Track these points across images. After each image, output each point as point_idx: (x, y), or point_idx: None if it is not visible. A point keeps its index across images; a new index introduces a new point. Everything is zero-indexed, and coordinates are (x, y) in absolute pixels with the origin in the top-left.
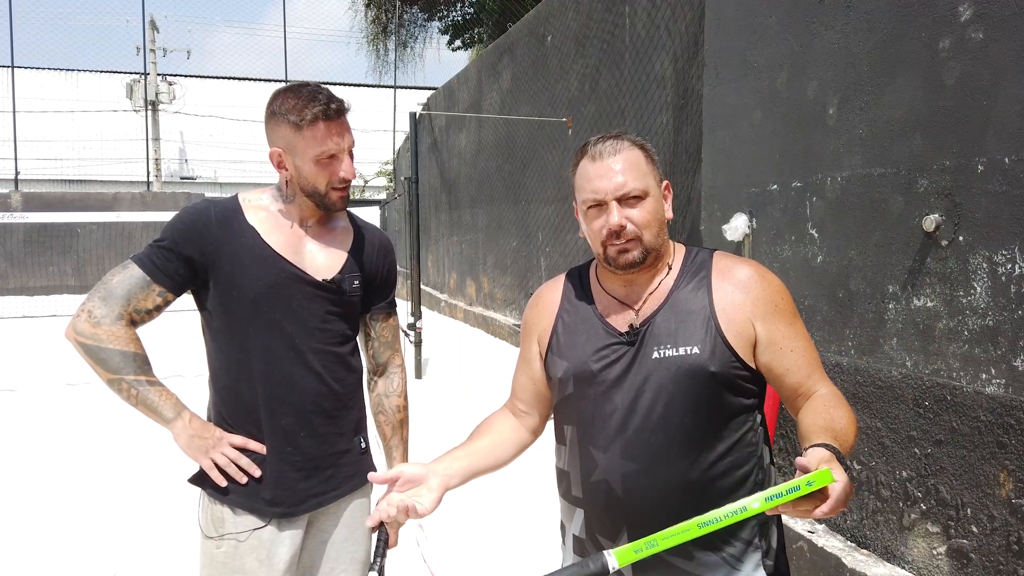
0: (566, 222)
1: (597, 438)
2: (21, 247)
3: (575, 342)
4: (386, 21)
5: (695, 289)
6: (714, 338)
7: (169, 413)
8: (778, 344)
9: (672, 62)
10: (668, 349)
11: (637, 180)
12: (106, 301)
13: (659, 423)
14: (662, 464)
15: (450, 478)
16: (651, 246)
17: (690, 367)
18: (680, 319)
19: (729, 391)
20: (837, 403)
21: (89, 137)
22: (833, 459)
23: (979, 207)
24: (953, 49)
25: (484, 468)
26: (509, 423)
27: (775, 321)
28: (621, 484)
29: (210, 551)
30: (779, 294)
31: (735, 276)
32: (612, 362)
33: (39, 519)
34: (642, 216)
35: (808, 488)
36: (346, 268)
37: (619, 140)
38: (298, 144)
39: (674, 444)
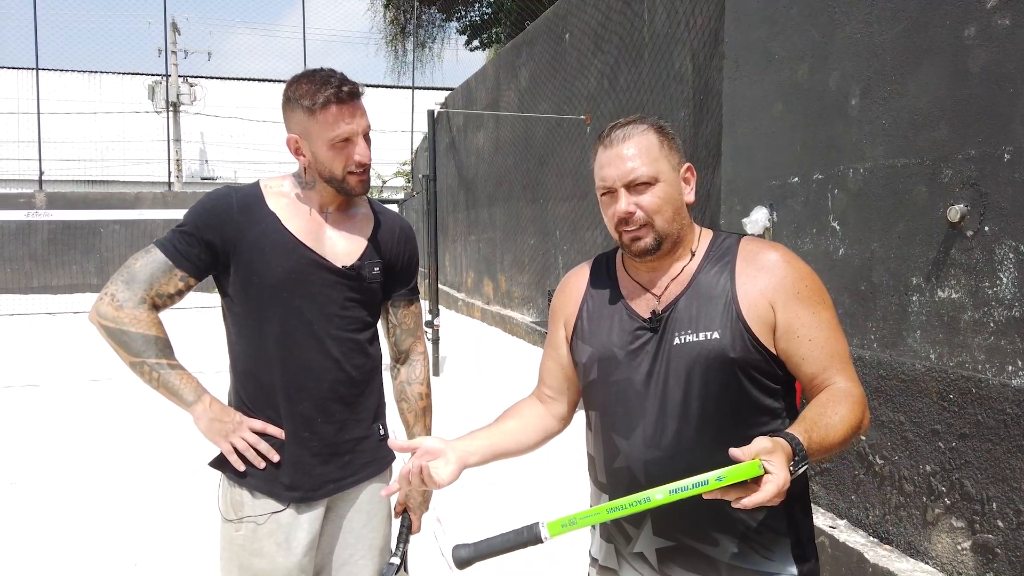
0: (584, 219)
1: (619, 424)
2: (45, 246)
3: (599, 327)
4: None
5: (718, 274)
6: (734, 323)
7: (190, 396)
8: (795, 331)
9: (691, 57)
10: (689, 335)
11: (646, 165)
12: (129, 285)
13: (680, 410)
14: (684, 451)
15: (469, 455)
16: (664, 232)
17: (710, 352)
18: (702, 304)
19: (751, 378)
20: (843, 399)
21: (111, 138)
22: (776, 451)
23: (1005, 196)
24: (978, 36)
25: (505, 451)
26: (535, 409)
27: (795, 307)
28: (643, 471)
29: (229, 534)
30: (803, 280)
31: (759, 260)
32: (635, 348)
33: (63, 509)
34: (652, 202)
35: (718, 483)
36: (366, 255)
37: (633, 125)
38: (312, 129)
39: (696, 431)
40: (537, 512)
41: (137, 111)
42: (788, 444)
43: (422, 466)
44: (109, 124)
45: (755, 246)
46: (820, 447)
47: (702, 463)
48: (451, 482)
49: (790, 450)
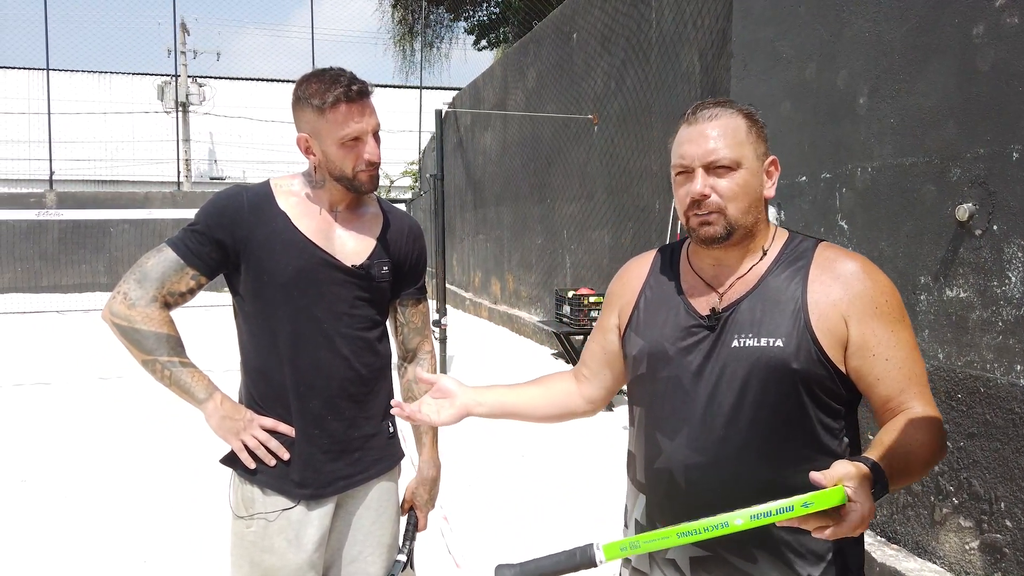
0: (591, 219)
1: (664, 423)
2: (55, 245)
3: (654, 320)
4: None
5: (789, 278)
6: (801, 332)
7: (201, 394)
8: (871, 349)
9: (699, 57)
10: (749, 338)
11: (729, 148)
12: (141, 283)
13: (730, 416)
14: (730, 460)
15: (476, 405)
16: (736, 222)
17: (770, 360)
18: (767, 308)
19: (812, 394)
20: (922, 426)
21: (121, 138)
22: (859, 477)
23: (1014, 195)
24: (987, 35)
25: (517, 412)
26: (565, 385)
27: (872, 323)
28: (684, 475)
29: (240, 530)
30: (883, 294)
31: (836, 269)
32: (689, 346)
33: (73, 507)
34: (729, 187)
35: (804, 510)
36: (375, 254)
37: (722, 106)
38: (322, 128)
39: (744, 441)
40: (541, 512)
41: (147, 111)
42: (869, 470)
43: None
44: (119, 124)
45: (833, 253)
46: (900, 476)
47: (746, 475)
48: (448, 423)
49: (871, 477)
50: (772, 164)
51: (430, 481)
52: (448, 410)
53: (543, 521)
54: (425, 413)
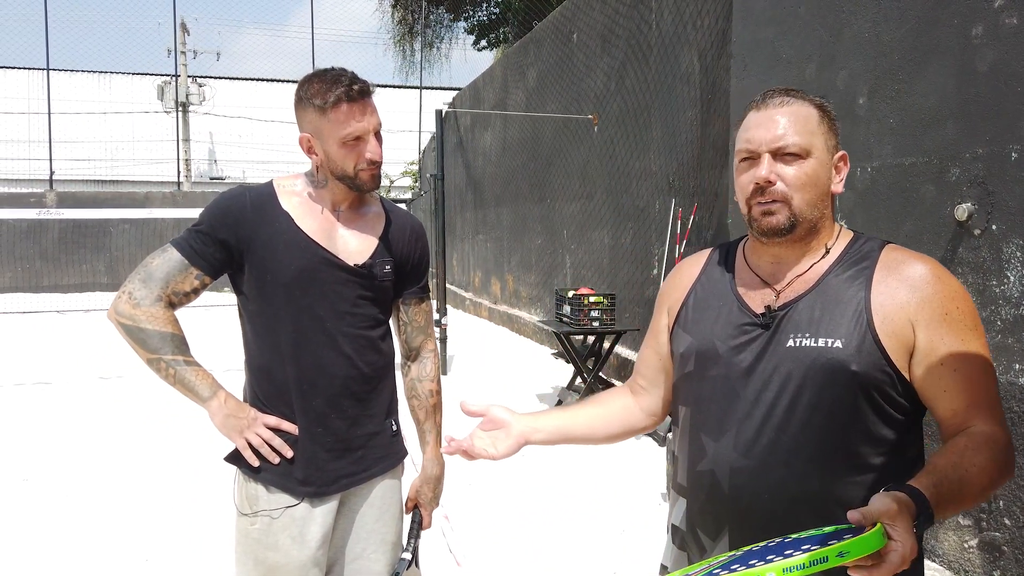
0: (591, 219)
1: (710, 424)
2: (55, 245)
3: (704, 317)
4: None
5: (852, 279)
6: (863, 334)
7: (205, 392)
8: (938, 358)
9: (699, 57)
10: (806, 338)
11: (800, 135)
12: (146, 283)
13: (783, 419)
14: (779, 465)
15: (534, 432)
16: (801, 214)
17: (828, 361)
18: (827, 308)
19: (872, 400)
20: (984, 446)
21: (121, 138)
22: (901, 513)
23: (1013, 195)
24: (986, 35)
25: (576, 436)
26: (622, 400)
27: (941, 330)
28: (729, 479)
29: (244, 528)
30: (954, 300)
31: (904, 271)
32: (741, 344)
33: (75, 505)
34: (796, 176)
35: (839, 560)
36: (377, 253)
37: (793, 95)
38: (324, 128)
39: (795, 446)
40: (542, 511)
41: (147, 111)
42: (912, 502)
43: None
44: (119, 124)
45: (900, 255)
46: (950, 503)
47: (793, 482)
48: (507, 456)
49: (914, 508)
50: (842, 159)
51: (434, 479)
52: (504, 441)
53: (544, 520)
54: (480, 448)
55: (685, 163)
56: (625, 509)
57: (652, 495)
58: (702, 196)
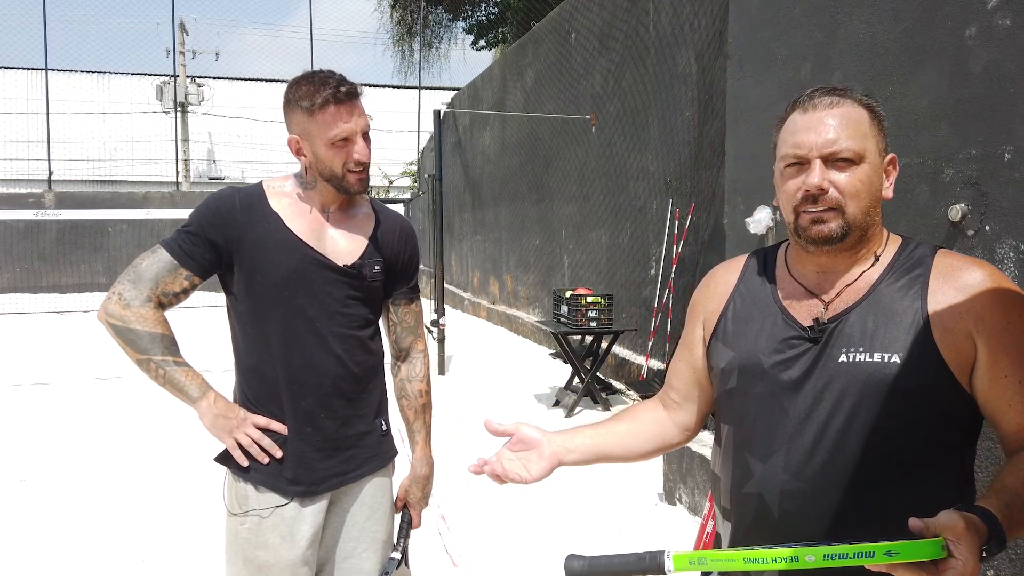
0: (589, 220)
1: (756, 444)
2: (54, 245)
3: (746, 330)
4: (411, 22)
5: (906, 287)
6: (923, 348)
7: (195, 393)
8: (1002, 370)
9: (696, 57)
10: (860, 353)
11: (853, 140)
12: (135, 284)
13: (837, 440)
14: (834, 489)
15: (567, 452)
16: (855, 222)
17: (885, 378)
18: (881, 320)
19: (933, 416)
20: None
21: (120, 138)
22: (967, 531)
23: (1006, 196)
24: (980, 37)
25: (610, 454)
26: (654, 415)
27: (1005, 340)
28: (778, 503)
29: (234, 527)
30: (1016, 308)
31: (961, 278)
32: (788, 359)
33: (71, 506)
34: (851, 183)
35: (886, 559)
36: (367, 254)
37: (841, 95)
38: (312, 129)
39: (851, 468)
40: (538, 511)
41: (145, 111)
42: (983, 523)
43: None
44: (117, 124)
45: (955, 260)
46: (1020, 525)
47: (851, 507)
48: (540, 479)
49: (985, 531)
50: (891, 163)
51: (423, 479)
52: (538, 463)
53: (541, 520)
54: (512, 471)
55: (683, 163)
56: (622, 509)
57: (649, 495)
58: (699, 196)
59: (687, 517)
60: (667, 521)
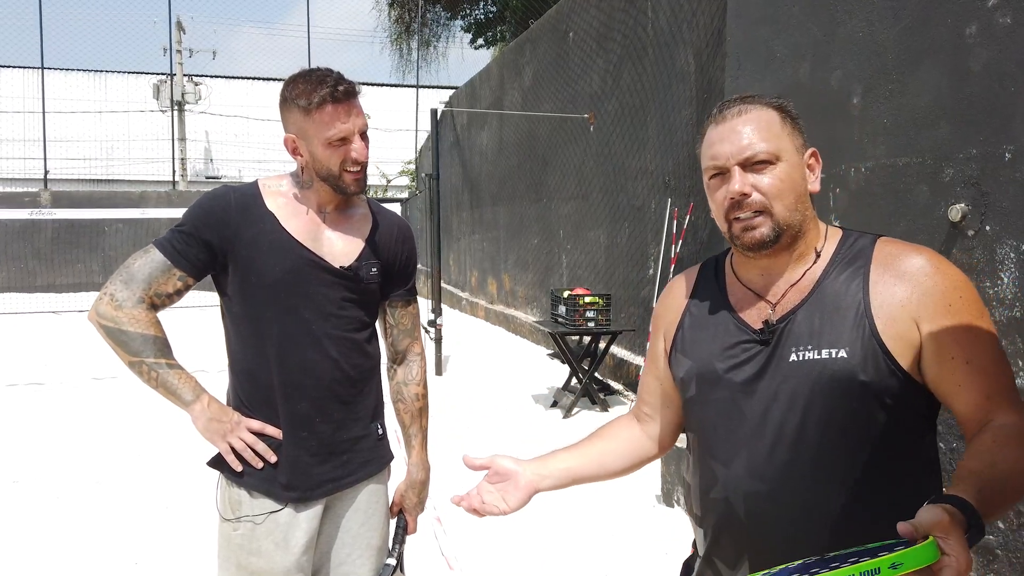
0: (587, 219)
1: (718, 449)
2: (50, 245)
3: (701, 338)
4: (409, 20)
5: (848, 280)
6: (867, 340)
7: (188, 396)
8: (948, 352)
9: (695, 56)
10: (809, 351)
11: (766, 141)
12: (128, 284)
13: (794, 438)
14: (797, 488)
15: (542, 479)
16: (784, 221)
17: (835, 374)
18: (827, 316)
19: (886, 407)
20: (1011, 440)
21: (116, 137)
22: (954, 526)
23: (1006, 196)
24: (980, 35)
25: (587, 475)
26: (629, 431)
27: (947, 323)
28: (743, 505)
29: (227, 533)
30: (957, 290)
31: (900, 265)
32: (741, 363)
33: (65, 508)
34: (771, 183)
35: (892, 573)
36: (363, 255)
37: (749, 101)
38: (309, 128)
39: (811, 465)
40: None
41: (142, 110)
42: (961, 513)
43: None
44: (114, 123)
45: (895, 248)
46: (996, 507)
47: (817, 504)
48: (518, 508)
49: (964, 521)
50: (813, 156)
51: (419, 484)
52: (514, 494)
53: (537, 523)
54: (491, 504)
55: (681, 162)
56: (619, 512)
57: (646, 498)
58: (698, 195)
59: (685, 519)
60: (665, 523)
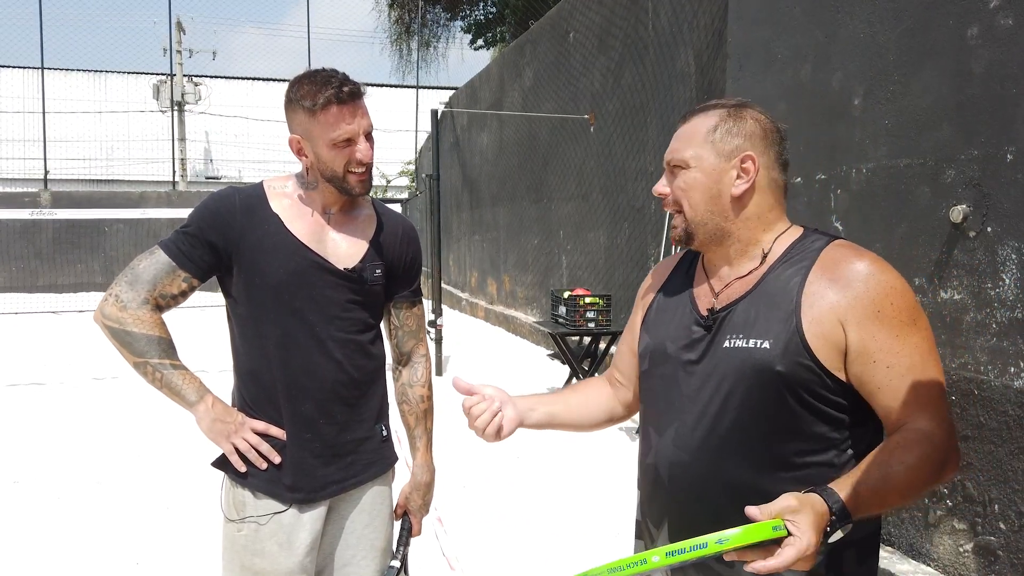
0: (588, 219)
1: (657, 420)
2: (50, 245)
3: (663, 319)
4: (409, 21)
5: (790, 278)
6: (791, 334)
7: (192, 396)
8: (870, 355)
9: (695, 57)
10: (740, 339)
11: (683, 148)
12: (133, 286)
13: (713, 417)
14: (710, 460)
15: (529, 412)
16: (693, 220)
17: (756, 362)
18: (763, 309)
19: (800, 398)
20: (914, 444)
21: (116, 137)
22: (803, 510)
23: (1008, 197)
24: (982, 36)
25: (565, 422)
26: (603, 390)
27: (873, 328)
28: (667, 472)
29: (231, 534)
30: (887, 297)
31: (839, 269)
32: (687, 345)
33: (66, 508)
34: (678, 186)
35: (718, 547)
36: (368, 257)
37: (703, 108)
38: (314, 129)
39: (724, 442)
40: (536, 514)
41: (142, 110)
42: (824, 502)
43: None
44: (114, 123)
45: (840, 252)
46: (872, 503)
47: (723, 476)
48: (508, 435)
49: (825, 509)
50: (744, 160)
51: (424, 486)
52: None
53: (538, 524)
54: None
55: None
56: (620, 511)
57: None
58: None
59: None
60: None
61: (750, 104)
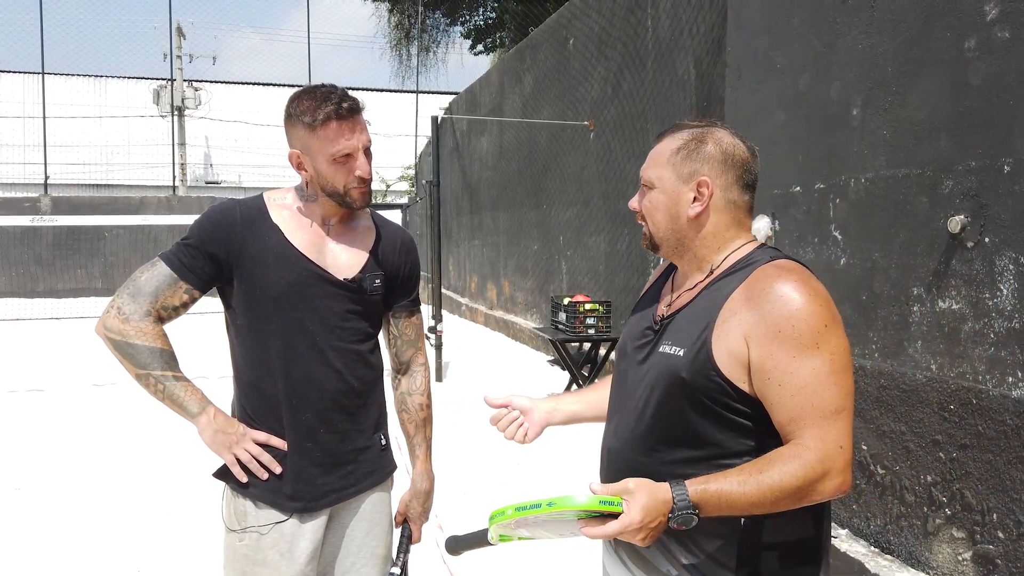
0: (588, 225)
1: (611, 410)
2: (50, 250)
3: (636, 319)
4: (409, 26)
5: (718, 292)
6: (701, 345)
7: (194, 408)
8: (766, 373)
9: (695, 64)
10: (667, 345)
11: (650, 168)
12: (134, 298)
13: (638, 413)
14: (632, 451)
15: (553, 414)
16: (655, 235)
17: (671, 368)
18: (692, 319)
19: (700, 405)
20: (787, 458)
21: (116, 142)
22: (637, 493)
23: (1005, 208)
24: (979, 48)
25: (587, 418)
26: None
27: (772, 347)
28: (607, 457)
29: (233, 544)
30: (790, 319)
31: (757, 288)
32: (639, 346)
33: (67, 515)
34: (644, 204)
35: (547, 508)
36: (367, 267)
37: (676, 128)
38: (313, 145)
39: (641, 436)
40: None
41: (142, 115)
42: (669, 491)
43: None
44: (114, 128)
45: (769, 272)
46: (723, 503)
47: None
48: (533, 440)
49: (669, 498)
50: (698, 185)
51: (423, 494)
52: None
53: None
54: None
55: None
56: None
57: None
58: None
59: None
60: None
61: (719, 126)
